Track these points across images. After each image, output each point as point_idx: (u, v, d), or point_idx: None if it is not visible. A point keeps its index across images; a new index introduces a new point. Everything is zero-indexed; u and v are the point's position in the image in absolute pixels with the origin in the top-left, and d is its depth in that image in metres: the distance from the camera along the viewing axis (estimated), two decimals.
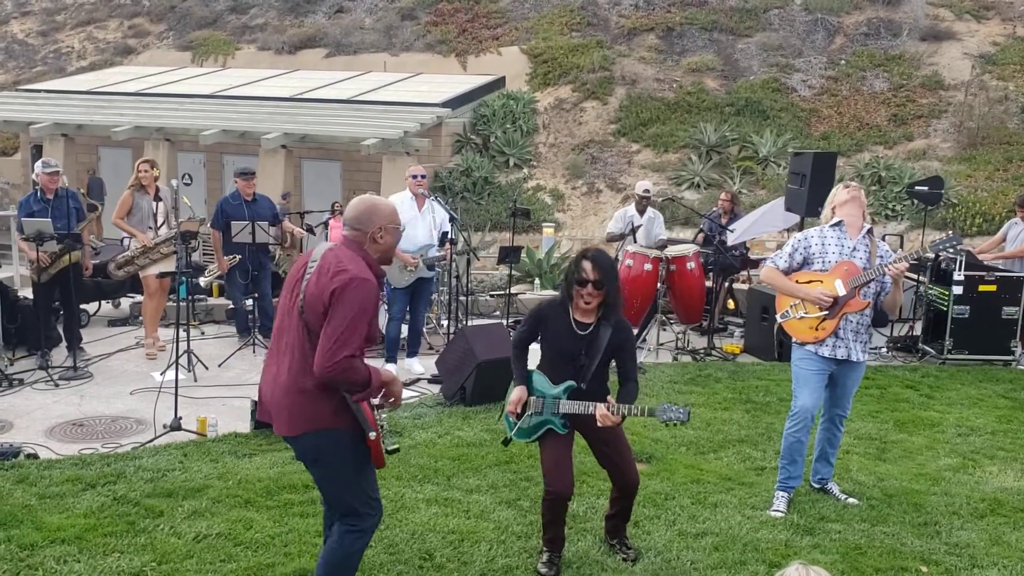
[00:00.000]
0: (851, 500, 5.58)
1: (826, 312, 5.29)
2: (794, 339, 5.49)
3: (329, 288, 3.52)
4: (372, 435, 3.68)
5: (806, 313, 5.37)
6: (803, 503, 5.51)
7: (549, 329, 4.56)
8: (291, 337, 3.66)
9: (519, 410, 4.48)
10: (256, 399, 6.54)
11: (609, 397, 4.44)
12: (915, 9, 20.90)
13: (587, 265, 4.41)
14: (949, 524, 5.31)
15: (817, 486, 5.74)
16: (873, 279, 5.26)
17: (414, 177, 8.26)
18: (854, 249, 5.34)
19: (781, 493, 5.48)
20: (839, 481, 5.90)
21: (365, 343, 3.59)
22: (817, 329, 5.33)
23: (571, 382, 4.47)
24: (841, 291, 5.26)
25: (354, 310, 3.51)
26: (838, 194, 5.46)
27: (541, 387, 4.52)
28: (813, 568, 2.26)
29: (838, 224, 5.39)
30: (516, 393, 4.49)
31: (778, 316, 5.57)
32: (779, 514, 5.33)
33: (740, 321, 10.46)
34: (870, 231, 5.42)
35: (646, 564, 4.63)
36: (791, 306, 5.46)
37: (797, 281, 5.40)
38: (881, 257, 5.32)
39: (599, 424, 4.32)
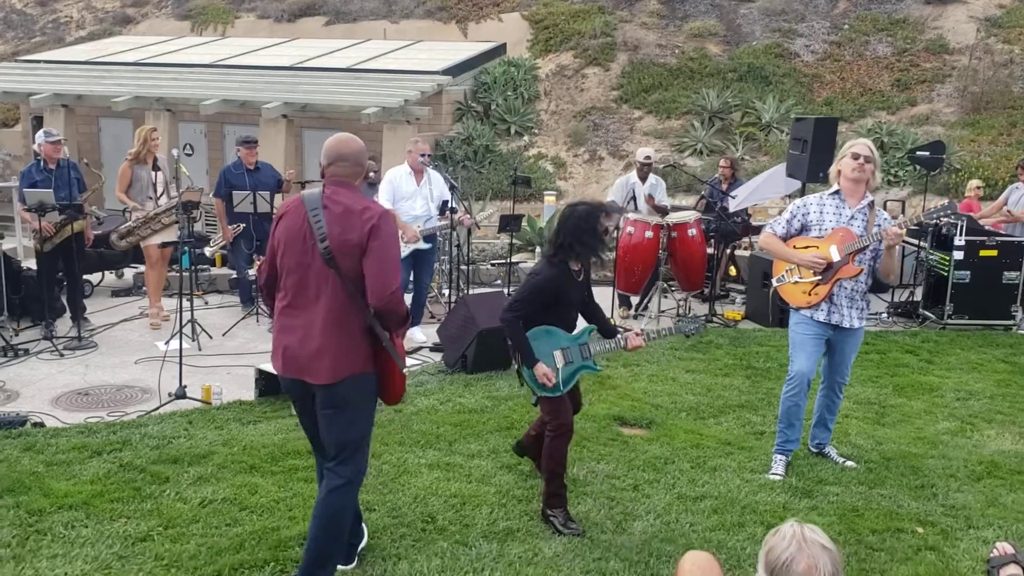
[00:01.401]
0: (849, 463, 5.64)
1: (819, 277, 5.32)
2: (789, 304, 5.53)
3: (365, 227, 3.65)
4: (405, 371, 3.94)
5: (800, 278, 5.40)
6: (801, 467, 5.56)
7: (561, 294, 4.71)
8: (319, 287, 3.73)
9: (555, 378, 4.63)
10: (260, 368, 6.66)
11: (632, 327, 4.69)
12: None
13: (604, 216, 4.73)
14: (946, 486, 5.37)
15: (815, 451, 5.80)
16: (867, 246, 5.27)
17: (421, 156, 8.26)
18: (851, 218, 5.34)
19: (779, 457, 5.53)
20: (837, 445, 5.96)
21: None
22: (810, 294, 5.36)
23: (589, 326, 4.84)
24: (835, 256, 5.27)
25: (391, 242, 3.72)
26: (845, 160, 5.35)
27: (559, 340, 4.70)
28: (808, 526, 2.30)
29: (837, 192, 5.39)
30: (542, 368, 4.60)
31: (773, 280, 5.60)
32: (777, 477, 5.39)
33: (742, 288, 10.48)
34: (871, 204, 5.39)
35: (645, 526, 4.69)
36: (786, 271, 5.49)
37: (795, 247, 5.42)
38: (879, 226, 5.33)
39: (631, 348, 4.88)
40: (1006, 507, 5.10)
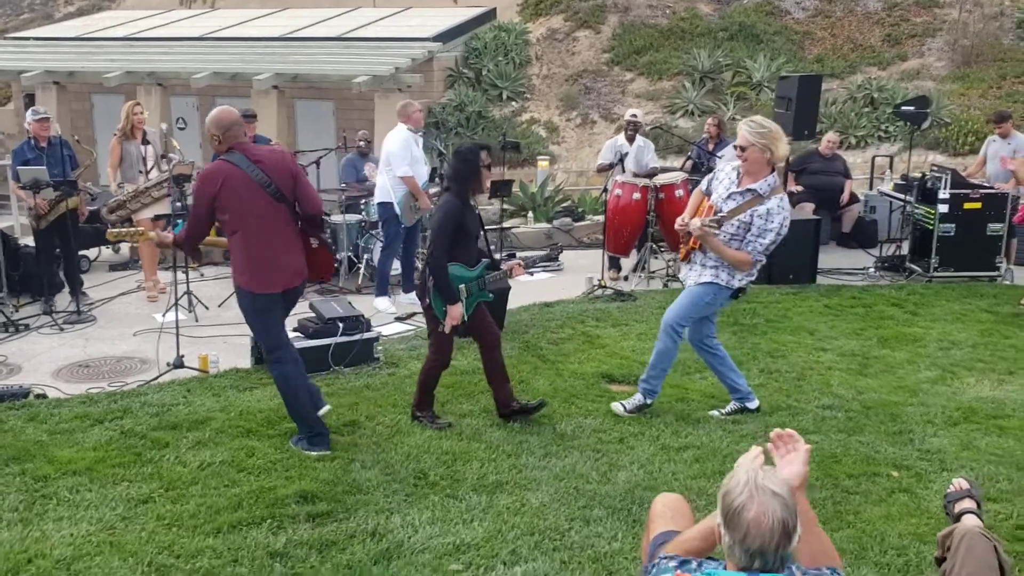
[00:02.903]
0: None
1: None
2: None
3: (287, 163, 5.18)
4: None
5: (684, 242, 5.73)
6: (783, 417, 5.72)
7: (464, 224, 5.49)
8: (282, 217, 5.07)
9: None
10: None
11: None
12: None
13: (485, 154, 5.60)
14: (923, 432, 5.53)
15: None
16: (711, 228, 5.28)
17: (419, 111, 8.39)
18: (729, 196, 5.36)
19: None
20: (819, 396, 6.12)
21: None
22: (683, 253, 5.73)
23: (486, 260, 5.65)
24: (693, 225, 5.39)
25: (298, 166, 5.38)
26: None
27: (463, 277, 5.47)
28: (762, 471, 2.41)
29: (738, 167, 5.44)
30: (458, 310, 5.43)
31: None
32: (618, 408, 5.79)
33: None
34: (754, 192, 5.29)
35: (628, 476, 4.86)
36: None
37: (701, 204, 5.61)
38: (752, 212, 5.28)
39: (514, 276, 5.81)
40: (980, 450, 5.26)
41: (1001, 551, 2.92)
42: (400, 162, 8.18)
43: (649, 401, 5.80)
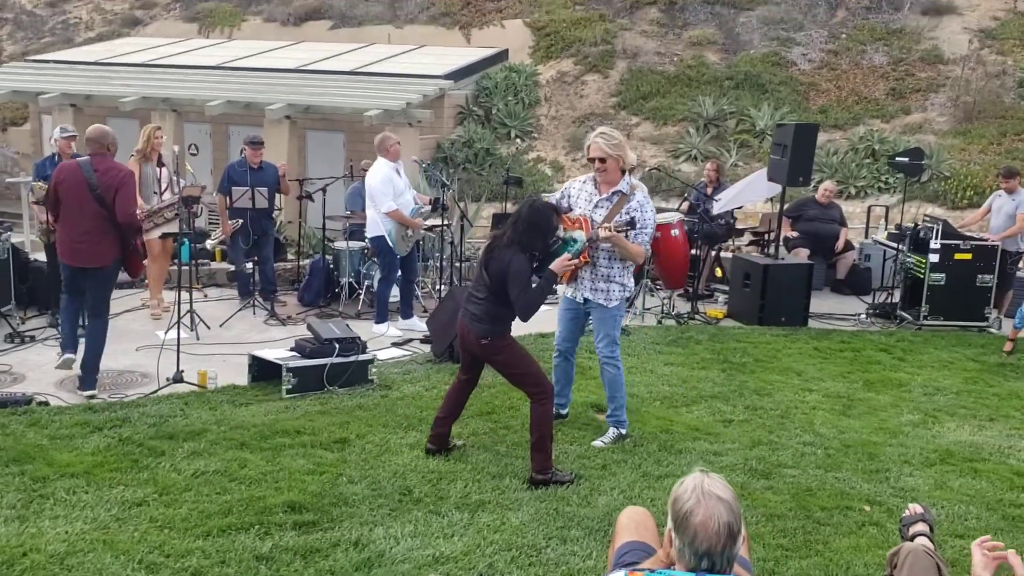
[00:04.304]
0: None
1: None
2: None
3: (115, 180, 6.45)
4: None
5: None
6: (763, 451, 5.86)
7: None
8: (90, 214, 6.44)
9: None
10: (254, 354, 7.02)
11: None
12: None
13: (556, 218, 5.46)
14: (899, 471, 5.67)
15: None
16: (593, 240, 5.62)
17: (398, 144, 8.66)
18: (596, 205, 5.76)
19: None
20: (801, 433, 6.27)
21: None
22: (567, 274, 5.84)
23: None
24: (603, 234, 5.62)
25: (129, 185, 6.59)
26: (591, 146, 5.75)
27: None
28: (708, 476, 2.56)
29: (594, 178, 5.79)
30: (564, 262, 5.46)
31: None
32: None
33: (726, 288, 10.78)
34: (621, 193, 5.72)
35: (608, 500, 5.00)
36: None
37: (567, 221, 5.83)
38: (631, 216, 5.63)
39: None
40: (952, 490, 5.40)
41: (945, 570, 3.06)
42: (383, 198, 8.40)
43: (624, 431, 5.99)
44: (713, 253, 10.83)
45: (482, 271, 5.33)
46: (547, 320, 9.19)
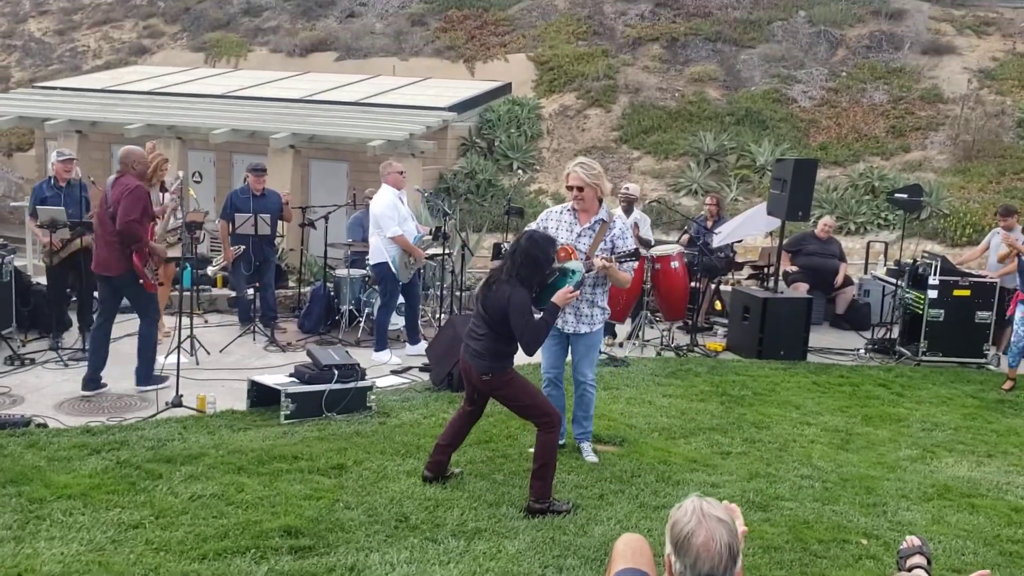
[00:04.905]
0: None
1: None
2: None
3: (124, 191, 6.98)
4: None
5: None
6: (760, 484, 5.86)
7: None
8: (105, 223, 7.11)
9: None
10: (253, 379, 7.04)
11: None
12: (917, 23, 21.22)
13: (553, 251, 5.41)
14: (896, 505, 5.66)
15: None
16: (591, 270, 5.69)
17: (400, 173, 8.71)
18: (579, 235, 5.85)
19: None
20: (799, 466, 6.26)
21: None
22: None
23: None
24: (599, 264, 5.71)
25: (135, 200, 7.05)
26: (570, 174, 5.85)
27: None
28: (706, 500, 2.58)
29: (572, 209, 5.87)
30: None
31: None
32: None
33: (726, 321, 10.80)
34: (602, 221, 5.83)
35: (605, 530, 5.00)
36: None
37: None
38: (613, 244, 5.76)
39: None
40: (950, 524, 5.39)
41: None
42: (389, 223, 8.48)
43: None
44: (713, 286, 10.87)
45: (479, 307, 5.34)
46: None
